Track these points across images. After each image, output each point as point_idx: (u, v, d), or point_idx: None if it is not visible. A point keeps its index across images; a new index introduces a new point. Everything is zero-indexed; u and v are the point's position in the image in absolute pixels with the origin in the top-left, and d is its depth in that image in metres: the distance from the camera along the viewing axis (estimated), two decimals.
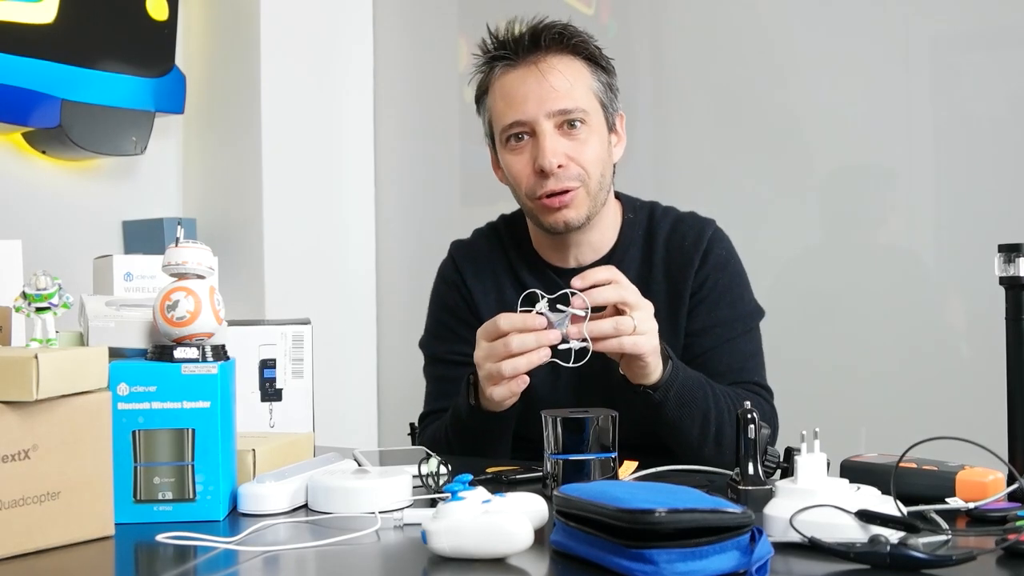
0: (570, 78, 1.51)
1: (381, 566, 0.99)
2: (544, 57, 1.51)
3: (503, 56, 1.53)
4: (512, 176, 1.55)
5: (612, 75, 1.57)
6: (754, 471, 1.20)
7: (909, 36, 2.16)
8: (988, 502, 1.03)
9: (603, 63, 1.56)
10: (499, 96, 1.54)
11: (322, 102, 2.77)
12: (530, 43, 1.51)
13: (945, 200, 2.13)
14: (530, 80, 1.50)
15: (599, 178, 1.52)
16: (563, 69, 1.51)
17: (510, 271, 1.63)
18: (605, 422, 1.17)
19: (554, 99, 1.49)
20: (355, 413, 2.81)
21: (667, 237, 1.59)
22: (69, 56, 2.32)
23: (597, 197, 1.53)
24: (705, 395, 1.43)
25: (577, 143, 1.50)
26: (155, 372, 1.10)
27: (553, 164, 1.48)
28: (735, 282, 1.60)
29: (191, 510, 1.10)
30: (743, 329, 1.58)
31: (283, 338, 1.43)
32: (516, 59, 1.52)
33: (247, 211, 2.65)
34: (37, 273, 1.08)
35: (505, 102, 1.52)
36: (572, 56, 1.53)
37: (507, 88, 1.52)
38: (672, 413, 1.40)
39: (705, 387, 1.44)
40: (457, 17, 2.81)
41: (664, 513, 0.84)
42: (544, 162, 1.48)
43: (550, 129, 1.49)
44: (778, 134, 2.28)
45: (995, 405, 1.16)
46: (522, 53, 1.52)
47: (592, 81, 1.53)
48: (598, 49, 1.56)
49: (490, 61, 1.55)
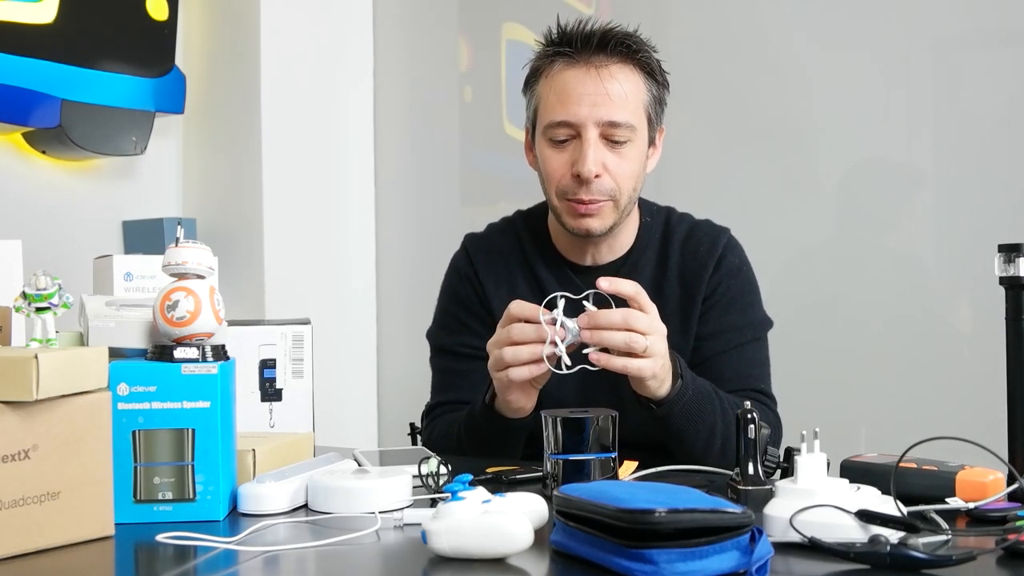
0: (627, 90, 1.50)
1: (381, 566, 0.99)
2: (607, 63, 1.50)
3: (567, 52, 1.51)
4: (546, 170, 1.54)
5: (665, 90, 1.57)
6: (754, 471, 1.20)
7: (911, 37, 2.16)
8: (988, 502, 1.03)
9: (660, 78, 1.55)
10: (553, 89, 1.52)
11: (322, 102, 2.77)
12: (598, 45, 1.50)
13: (945, 201, 2.13)
14: (588, 82, 1.49)
15: (630, 193, 1.53)
16: (622, 79, 1.50)
17: (524, 265, 1.63)
18: (605, 422, 1.17)
19: (607, 108, 1.48)
20: (355, 413, 2.81)
21: (682, 242, 1.60)
22: (69, 56, 2.32)
23: (624, 210, 1.53)
24: (712, 410, 1.43)
25: (618, 156, 1.50)
26: (155, 372, 1.10)
27: (591, 173, 1.48)
28: (747, 290, 1.61)
29: (191, 510, 1.10)
30: (752, 336, 1.59)
31: (283, 338, 1.44)
32: (578, 57, 1.51)
33: (247, 211, 2.65)
34: (37, 273, 1.08)
35: (557, 97, 1.51)
36: (633, 67, 1.52)
37: (563, 84, 1.51)
38: (676, 426, 1.40)
39: (714, 401, 1.44)
40: (457, 17, 2.81)
41: (664, 513, 0.84)
42: (583, 169, 1.47)
43: (595, 137, 1.48)
44: (779, 135, 2.28)
45: (995, 405, 1.16)
46: (586, 53, 1.50)
47: (645, 95, 1.53)
48: (659, 63, 1.55)
49: (552, 52, 1.53)
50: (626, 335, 1.30)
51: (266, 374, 1.42)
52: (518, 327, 1.32)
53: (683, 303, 1.56)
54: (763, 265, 1.68)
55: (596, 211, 1.50)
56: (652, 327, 1.32)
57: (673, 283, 1.58)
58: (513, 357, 1.32)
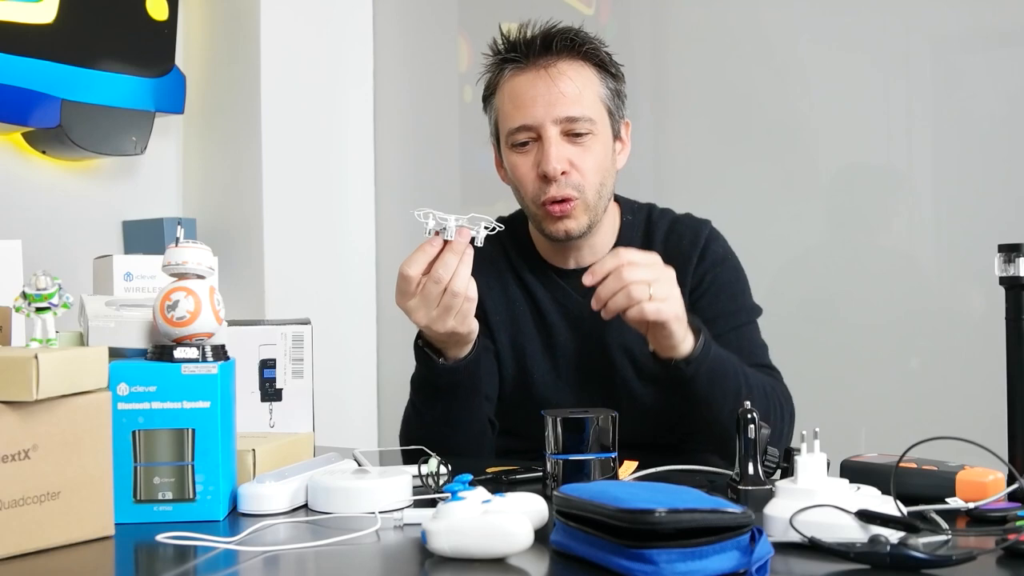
0: (579, 84, 1.51)
1: (381, 566, 0.99)
2: (555, 62, 1.51)
3: (513, 58, 1.53)
4: (516, 179, 1.55)
5: (621, 82, 1.57)
6: (754, 471, 1.20)
7: (911, 37, 2.16)
8: (988, 502, 1.03)
9: (613, 70, 1.56)
10: (507, 98, 1.54)
11: (322, 102, 2.77)
12: (541, 47, 1.51)
13: (945, 201, 2.13)
14: (539, 84, 1.50)
15: (598, 187, 1.52)
16: (573, 75, 1.51)
17: (512, 271, 1.63)
18: (605, 422, 1.18)
19: (562, 105, 1.49)
20: (355, 413, 2.81)
21: (664, 238, 1.60)
22: (69, 56, 2.32)
23: (597, 206, 1.53)
24: (736, 372, 1.42)
25: (581, 150, 1.50)
26: (155, 372, 1.10)
27: (557, 170, 1.48)
28: (735, 277, 1.60)
29: (191, 510, 1.10)
30: (746, 319, 1.58)
31: (283, 338, 1.44)
32: (526, 62, 1.52)
33: (247, 211, 2.65)
34: (37, 273, 1.08)
35: (513, 104, 1.52)
36: (583, 62, 1.52)
37: (516, 91, 1.52)
38: (704, 389, 1.39)
39: (736, 364, 1.43)
40: (457, 17, 2.81)
41: (664, 513, 0.84)
42: (548, 167, 1.48)
43: (556, 135, 1.49)
44: (778, 135, 2.28)
45: (995, 405, 1.16)
46: (533, 56, 1.52)
47: (601, 88, 1.53)
48: (608, 56, 1.56)
49: (500, 63, 1.55)
50: (625, 290, 1.31)
51: (266, 374, 1.42)
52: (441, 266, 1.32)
53: None
54: (763, 265, 1.68)
55: (569, 211, 1.50)
56: (650, 273, 1.33)
57: None
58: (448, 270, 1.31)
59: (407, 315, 1.37)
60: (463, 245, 1.32)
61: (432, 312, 1.34)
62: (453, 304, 1.33)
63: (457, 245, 1.32)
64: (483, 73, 1.59)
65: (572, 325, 1.58)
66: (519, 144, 1.52)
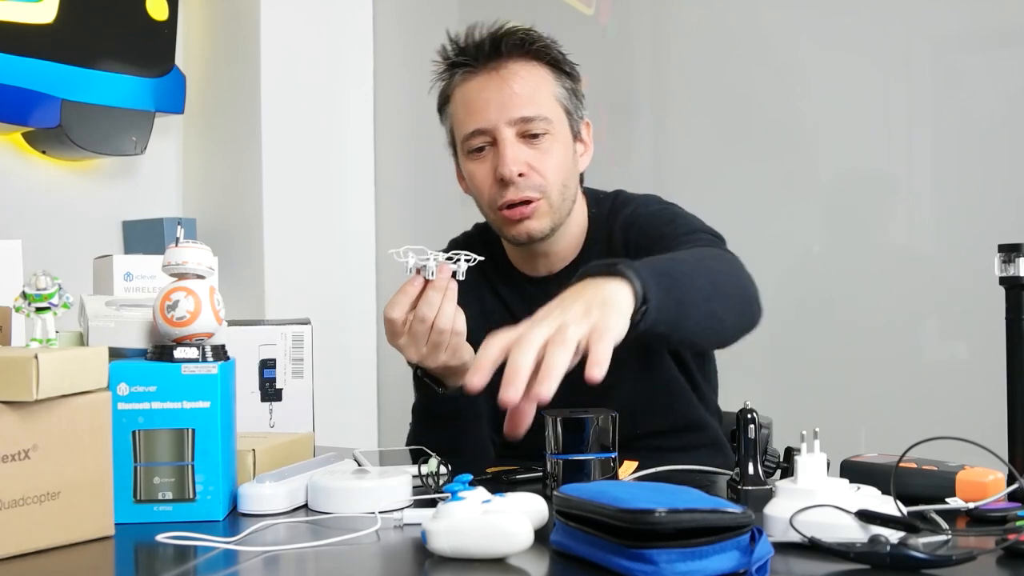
0: (532, 84, 1.47)
1: (381, 566, 0.99)
2: (505, 63, 1.47)
3: (463, 63, 1.50)
4: (474, 186, 1.51)
5: (577, 81, 1.53)
6: (754, 471, 1.20)
7: (911, 37, 2.16)
8: (988, 502, 1.03)
9: (567, 69, 1.52)
10: (460, 104, 1.50)
11: (322, 102, 2.77)
12: (491, 49, 1.48)
13: (945, 201, 2.13)
14: (491, 87, 1.47)
15: (561, 188, 1.49)
16: (525, 75, 1.47)
17: (487, 284, 1.60)
18: (605, 422, 1.17)
19: (516, 106, 1.45)
20: (355, 413, 2.81)
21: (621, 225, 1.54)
22: (69, 56, 2.32)
23: (560, 208, 1.49)
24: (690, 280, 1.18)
25: (539, 152, 1.47)
26: (155, 372, 1.10)
27: (514, 172, 1.44)
28: (654, 207, 1.52)
29: (191, 510, 1.10)
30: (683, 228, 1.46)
31: (283, 338, 1.44)
32: (477, 66, 1.48)
33: (247, 211, 2.65)
34: (37, 273, 1.08)
35: (466, 110, 1.49)
36: (535, 62, 1.49)
37: (468, 96, 1.49)
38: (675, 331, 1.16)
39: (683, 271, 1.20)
40: (457, 17, 2.81)
41: (664, 513, 0.84)
42: (504, 170, 1.44)
43: (511, 137, 1.46)
44: (779, 135, 2.28)
45: (995, 405, 1.16)
46: (483, 60, 1.48)
47: (556, 87, 1.50)
48: (562, 55, 1.52)
49: (450, 68, 1.52)
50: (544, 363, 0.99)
51: (266, 374, 1.42)
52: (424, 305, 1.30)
53: None
54: (763, 265, 1.67)
55: (530, 212, 1.47)
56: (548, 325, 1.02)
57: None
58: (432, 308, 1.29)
59: (400, 352, 1.37)
60: (444, 281, 1.31)
61: (422, 349, 1.34)
62: (441, 341, 1.33)
63: (439, 282, 1.31)
64: (434, 81, 1.55)
65: None
66: (475, 150, 1.49)
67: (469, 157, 1.51)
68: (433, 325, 1.31)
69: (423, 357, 1.35)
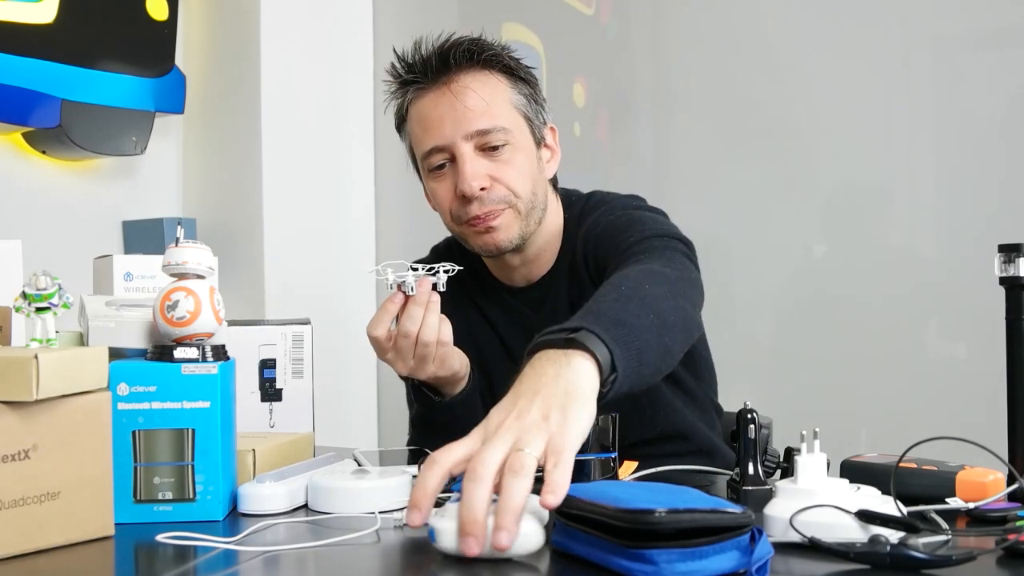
0: (486, 96, 1.43)
1: (381, 566, 0.99)
2: (456, 76, 1.43)
3: (414, 80, 1.46)
4: (437, 203, 1.48)
5: (535, 86, 1.50)
6: (754, 471, 1.20)
7: (911, 37, 2.16)
8: (988, 502, 1.03)
9: (522, 74, 1.48)
10: (416, 122, 1.47)
11: (322, 102, 2.77)
12: (439, 63, 1.43)
13: (945, 201, 2.13)
14: (443, 103, 1.43)
15: (530, 197, 1.45)
16: (477, 87, 1.43)
17: (468, 297, 1.58)
18: (605, 422, 1.17)
19: (470, 120, 1.41)
20: (355, 413, 2.81)
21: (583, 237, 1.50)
22: (69, 56, 2.32)
23: (529, 217, 1.46)
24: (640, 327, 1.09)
25: (500, 163, 1.43)
26: (155, 372, 1.10)
27: (475, 188, 1.41)
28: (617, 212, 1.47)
29: (191, 510, 1.10)
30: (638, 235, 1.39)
31: (283, 338, 1.44)
32: (427, 82, 1.44)
33: (247, 211, 2.65)
34: (37, 273, 1.08)
35: (422, 128, 1.45)
36: (487, 72, 1.45)
37: (422, 113, 1.45)
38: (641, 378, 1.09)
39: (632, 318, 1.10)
40: (457, 17, 2.81)
41: (664, 513, 0.84)
42: (465, 186, 1.41)
43: (469, 152, 1.42)
44: (778, 135, 2.28)
45: (995, 405, 1.16)
46: (432, 75, 1.44)
47: (512, 95, 1.46)
48: (514, 60, 1.48)
49: (402, 86, 1.48)
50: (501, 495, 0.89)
51: (266, 374, 1.42)
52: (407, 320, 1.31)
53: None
54: (763, 266, 1.68)
55: (497, 224, 1.43)
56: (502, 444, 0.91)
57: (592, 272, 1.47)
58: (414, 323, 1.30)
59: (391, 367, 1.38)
60: (425, 295, 1.31)
61: (410, 363, 1.35)
62: (428, 353, 1.33)
63: (420, 296, 1.31)
64: (388, 100, 1.52)
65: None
66: (435, 168, 1.46)
67: (430, 175, 1.48)
68: (418, 339, 1.32)
69: (412, 370, 1.36)
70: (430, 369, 1.35)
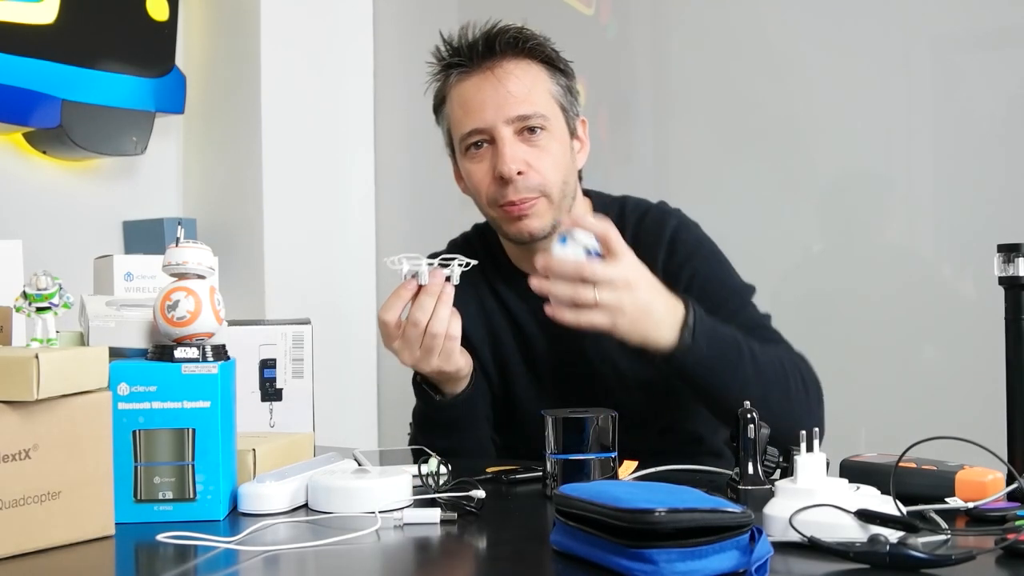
0: (528, 83, 1.47)
1: (381, 566, 0.99)
2: (500, 62, 1.47)
3: (458, 63, 1.50)
4: (473, 185, 1.51)
5: (572, 78, 1.54)
6: (754, 471, 1.20)
7: (911, 37, 2.16)
8: (987, 502, 1.04)
9: (561, 66, 1.52)
10: (456, 104, 1.51)
11: (322, 102, 2.77)
12: (484, 49, 1.48)
13: (945, 200, 2.13)
14: (486, 87, 1.47)
15: (561, 186, 1.48)
16: (520, 74, 1.47)
17: (486, 284, 1.59)
18: (605, 422, 1.18)
19: (512, 105, 1.45)
20: (355, 413, 2.81)
21: (634, 233, 1.53)
22: (69, 56, 2.32)
23: (561, 205, 1.49)
24: (740, 355, 1.34)
25: (537, 150, 1.47)
26: (155, 372, 1.11)
27: (513, 171, 1.44)
28: (714, 263, 1.54)
29: (191, 510, 1.10)
30: (739, 304, 1.50)
31: (283, 338, 1.44)
32: (471, 66, 1.49)
33: (247, 211, 2.65)
34: (37, 273, 1.08)
35: (463, 110, 1.49)
36: (529, 60, 1.49)
37: (464, 96, 1.49)
38: (703, 380, 1.33)
39: (740, 346, 1.35)
40: (457, 17, 2.81)
41: (664, 513, 0.84)
42: (504, 168, 1.44)
43: (509, 135, 1.46)
44: (779, 135, 2.28)
45: (995, 405, 1.16)
46: (477, 59, 1.48)
47: (551, 85, 1.50)
48: (555, 52, 1.52)
49: (445, 69, 1.52)
50: (572, 288, 1.26)
51: (266, 374, 1.43)
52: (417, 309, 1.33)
53: None
54: (762, 265, 1.67)
55: (529, 210, 1.47)
56: (610, 276, 1.25)
57: None
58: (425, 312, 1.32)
59: (395, 356, 1.38)
60: (438, 286, 1.32)
61: (416, 353, 1.36)
62: (434, 345, 1.34)
63: (432, 287, 1.32)
64: (429, 83, 1.56)
65: (549, 335, 1.54)
66: (474, 149, 1.49)
67: (467, 156, 1.51)
68: (426, 329, 1.32)
69: (416, 361, 1.37)
70: (434, 362, 1.36)
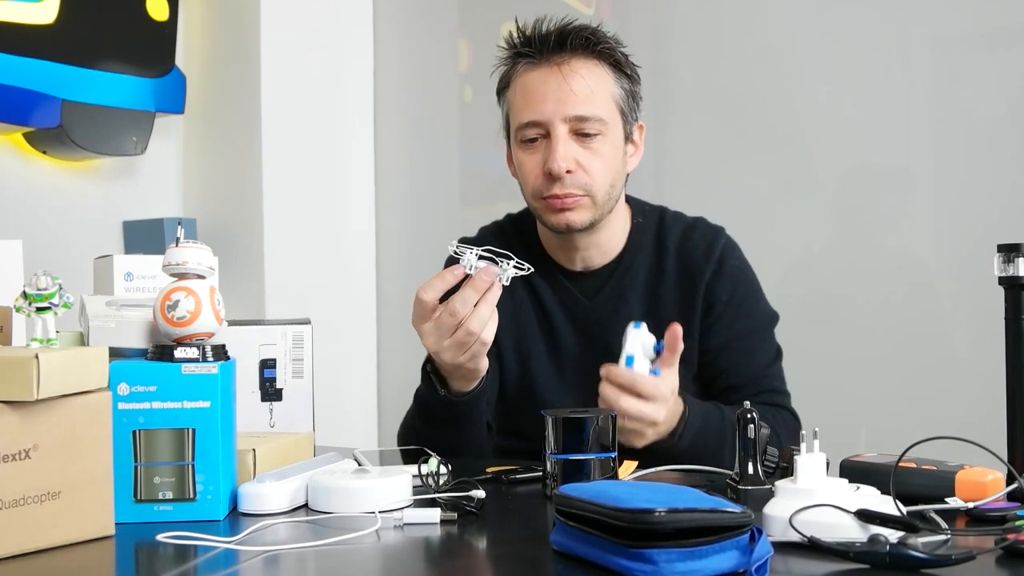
0: (592, 84, 1.49)
1: (381, 566, 0.99)
2: (568, 60, 1.49)
3: (527, 53, 1.52)
4: (522, 174, 1.54)
5: (636, 83, 1.55)
6: (754, 471, 1.20)
7: (909, 38, 2.16)
8: (987, 502, 1.04)
9: (628, 71, 1.54)
10: (519, 93, 1.53)
11: (322, 102, 2.77)
12: (556, 44, 1.50)
13: (945, 201, 2.13)
14: (551, 81, 1.49)
15: (607, 189, 1.51)
16: (585, 74, 1.49)
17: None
18: (605, 422, 1.18)
19: (573, 103, 1.47)
20: (355, 413, 2.81)
21: (679, 244, 1.58)
22: (69, 56, 2.32)
23: (604, 206, 1.52)
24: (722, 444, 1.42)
25: (590, 152, 1.49)
26: (155, 372, 1.11)
27: (562, 169, 1.47)
28: (751, 292, 1.60)
29: (191, 510, 1.11)
30: (761, 339, 1.59)
31: (283, 338, 1.44)
32: (539, 58, 1.51)
33: (247, 211, 2.65)
34: (38, 273, 1.08)
35: (524, 100, 1.51)
36: (597, 61, 1.51)
37: (527, 86, 1.51)
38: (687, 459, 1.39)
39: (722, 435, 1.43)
40: (457, 17, 2.81)
41: (664, 513, 0.84)
42: (554, 165, 1.46)
43: (564, 133, 1.48)
44: (779, 135, 2.28)
45: (995, 405, 1.16)
46: (546, 53, 1.50)
47: (615, 88, 1.52)
48: (624, 56, 1.54)
49: (514, 56, 1.54)
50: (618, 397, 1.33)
51: (266, 374, 1.43)
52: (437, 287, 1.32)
53: (681, 307, 1.55)
54: (762, 266, 1.68)
55: (572, 205, 1.49)
56: (662, 393, 1.34)
57: (670, 287, 1.56)
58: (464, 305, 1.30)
59: (419, 337, 1.36)
60: (484, 283, 1.30)
61: (443, 342, 1.33)
62: (467, 341, 1.32)
63: (478, 282, 1.30)
64: (497, 66, 1.58)
65: (577, 328, 1.58)
66: (528, 140, 1.51)
67: (521, 146, 1.53)
68: (462, 323, 1.31)
69: (441, 350, 1.34)
70: (460, 358, 1.35)
